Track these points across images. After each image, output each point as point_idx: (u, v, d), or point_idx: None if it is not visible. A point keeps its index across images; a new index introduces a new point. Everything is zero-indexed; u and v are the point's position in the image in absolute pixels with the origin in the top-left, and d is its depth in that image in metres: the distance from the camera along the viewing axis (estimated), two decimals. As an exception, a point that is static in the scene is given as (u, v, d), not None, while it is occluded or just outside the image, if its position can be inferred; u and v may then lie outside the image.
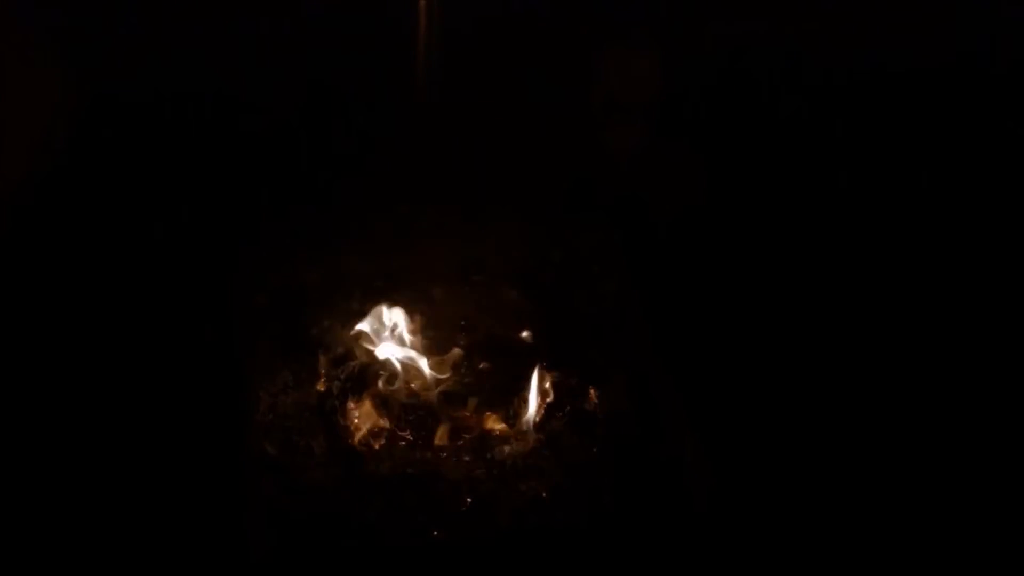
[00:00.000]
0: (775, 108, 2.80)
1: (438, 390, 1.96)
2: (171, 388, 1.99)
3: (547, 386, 1.98)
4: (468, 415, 1.93)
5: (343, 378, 2.00)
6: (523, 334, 2.10)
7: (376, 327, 2.08)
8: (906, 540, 1.81)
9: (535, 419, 1.93)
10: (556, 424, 1.93)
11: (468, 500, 1.79)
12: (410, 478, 1.81)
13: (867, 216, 2.52)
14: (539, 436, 1.91)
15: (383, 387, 1.97)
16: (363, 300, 2.18)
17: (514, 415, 1.93)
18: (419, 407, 1.93)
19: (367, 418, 1.92)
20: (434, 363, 2.02)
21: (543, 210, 2.35)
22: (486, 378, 1.99)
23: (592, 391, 1.99)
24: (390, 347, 2.04)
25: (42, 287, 2.21)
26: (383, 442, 1.89)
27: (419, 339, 2.08)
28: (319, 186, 2.47)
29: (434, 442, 1.88)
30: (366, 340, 2.07)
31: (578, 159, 2.52)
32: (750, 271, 2.35)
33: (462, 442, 1.89)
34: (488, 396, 1.95)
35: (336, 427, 1.91)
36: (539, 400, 1.95)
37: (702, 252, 2.39)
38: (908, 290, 2.33)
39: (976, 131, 2.76)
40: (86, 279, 2.22)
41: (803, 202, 2.56)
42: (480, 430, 1.91)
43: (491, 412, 1.93)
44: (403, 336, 2.06)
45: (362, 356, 2.04)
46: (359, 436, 1.90)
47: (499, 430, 1.91)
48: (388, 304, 2.11)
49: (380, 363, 2.02)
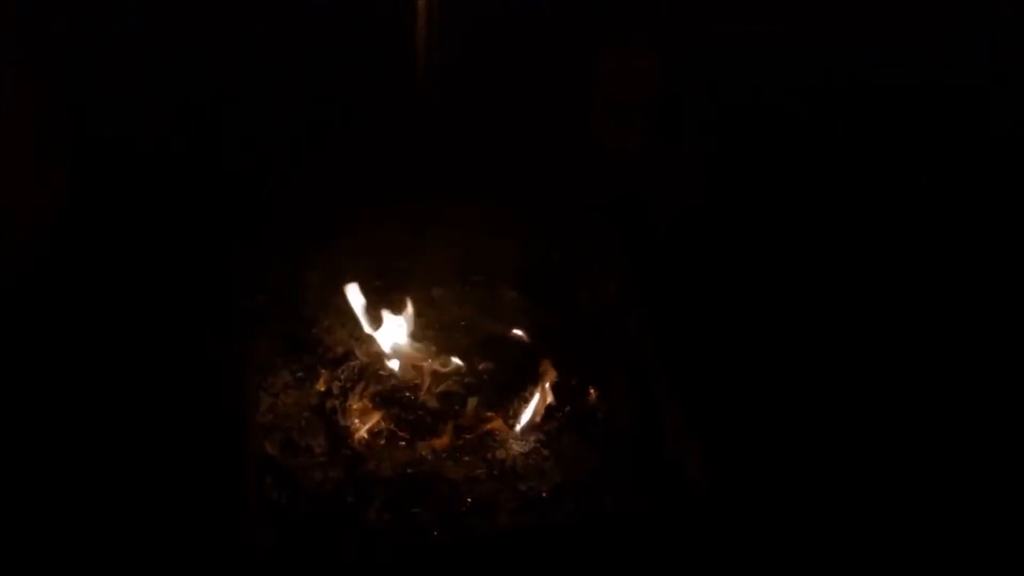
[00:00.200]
0: (775, 108, 2.80)
1: (438, 390, 1.96)
2: (171, 388, 1.99)
3: (547, 386, 1.98)
4: (468, 415, 1.93)
5: (343, 378, 2.00)
6: (523, 334, 2.10)
7: (376, 327, 2.08)
8: (906, 539, 1.82)
9: (535, 419, 1.93)
10: (556, 424, 1.94)
11: (468, 500, 1.79)
12: (410, 478, 1.81)
13: (867, 216, 2.52)
14: (539, 436, 1.91)
15: (383, 387, 1.97)
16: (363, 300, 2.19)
17: (514, 415, 1.93)
18: (419, 407, 1.93)
19: (367, 418, 1.93)
20: (434, 363, 2.02)
21: (543, 210, 2.35)
22: (486, 378, 1.99)
23: (592, 391, 1.99)
24: (390, 347, 2.05)
25: (42, 287, 2.21)
26: (383, 442, 1.89)
27: (419, 339, 2.08)
28: (319, 186, 2.47)
29: (434, 442, 1.88)
30: (366, 340, 2.07)
31: (578, 159, 2.51)
32: (750, 271, 2.35)
33: (462, 442, 1.89)
34: (488, 396, 1.95)
35: (336, 427, 1.91)
36: (539, 400, 1.95)
37: (702, 252, 2.39)
38: (908, 290, 2.33)
39: (976, 131, 2.76)
40: (86, 279, 2.22)
41: (803, 202, 2.56)
42: (480, 430, 1.91)
43: (491, 412, 1.93)
44: (403, 336, 2.07)
45: (362, 356, 2.05)
46: (359, 436, 1.90)
47: (499, 430, 1.91)
48: (388, 304, 2.12)
49: (380, 363, 2.02)
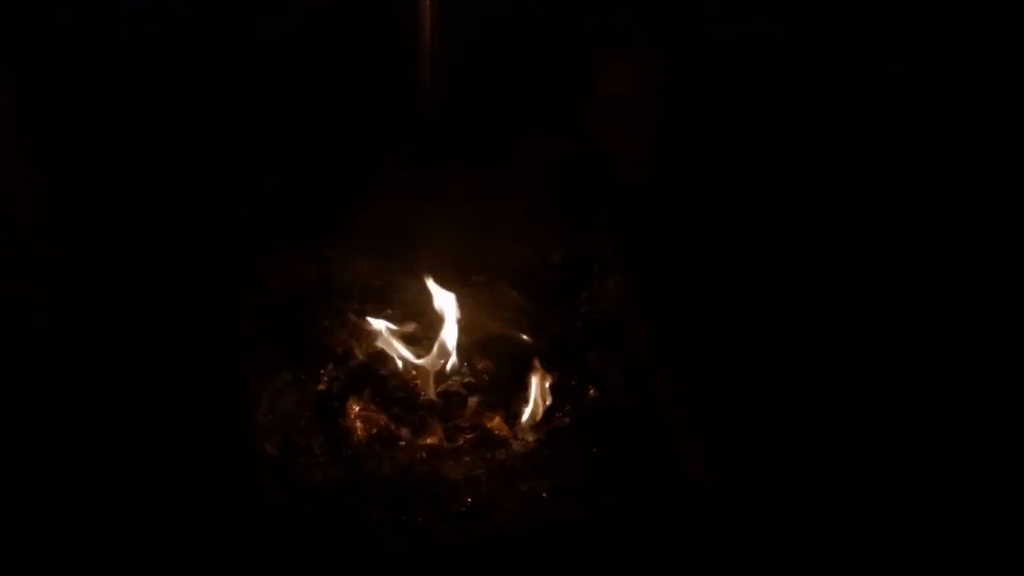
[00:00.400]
0: (775, 108, 2.80)
1: (438, 390, 1.96)
2: (171, 388, 1.99)
3: (547, 386, 1.98)
4: (468, 415, 1.93)
5: (343, 378, 2.00)
6: (523, 334, 2.10)
7: (377, 327, 2.08)
8: (906, 539, 1.82)
9: (535, 419, 1.93)
10: (556, 424, 1.94)
11: (468, 500, 1.79)
12: (410, 478, 1.81)
13: (868, 216, 2.52)
14: (539, 436, 1.91)
15: (383, 387, 1.97)
16: (363, 300, 2.19)
17: (514, 415, 1.93)
18: (419, 407, 1.93)
19: (367, 418, 1.92)
20: (434, 363, 2.02)
21: (543, 210, 2.34)
22: (486, 378, 1.99)
23: (592, 391, 1.99)
24: (390, 347, 2.05)
25: (43, 286, 2.21)
26: (383, 442, 1.89)
27: (419, 339, 2.08)
28: (319, 186, 2.47)
29: (434, 442, 1.88)
30: (366, 340, 2.07)
31: (578, 159, 2.51)
32: (750, 271, 2.35)
33: (462, 442, 1.89)
34: (488, 396, 1.95)
35: (336, 427, 1.91)
36: (539, 400, 1.95)
37: (702, 252, 2.39)
38: (908, 289, 2.33)
39: (977, 131, 2.76)
40: (86, 279, 2.22)
41: (803, 202, 2.56)
42: (480, 430, 1.91)
43: (491, 412, 1.93)
44: (403, 336, 2.07)
45: (362, 356, 2.05)
46: (359, 436, 1.90)
47: (499, 430, 1.91)
48: (388, 304, 2.12)
49: (380, 363, 2.02)
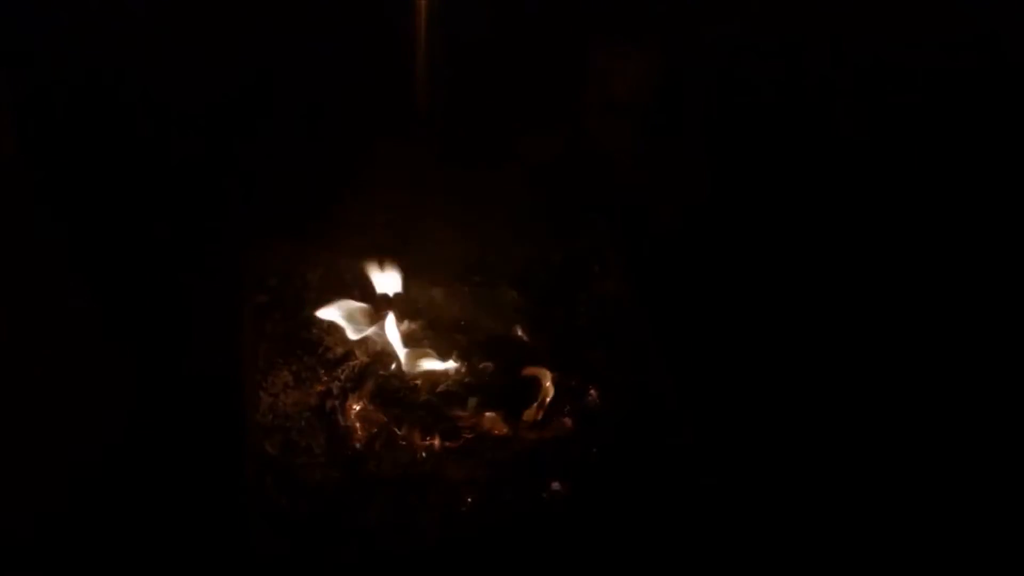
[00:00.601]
0: (775, 108, 2.80)
1: (438, 390, 1.96)
2: (171, 388, 1.99)
3: (547, 386, 1.98)
4: (468, 415, 1.93)
5: (343, 378, 2.00)
6: (523, 334, 2.10)
7: (377, 326, 2.08)
8: (906, 539, 1.82)
9: (535, 419, 1.93)
10: (556, 424, 1.93)
11: (468, 500, 1.79)
12: (410, 478, 1.81)
13: (867, 215, 2.52)
14: (539, 436, 1.91)
15: (383, 387, 1.97)
16: (363, 300, 2.18)
17: (514, 415, 1.93)
18: (419, 407, 1.93)
19: (367, 418, 1.92)
20: (434, 363, 2.02)
21: (542, 210, 2.35)
22: (486, 378, 1.99)
23: (592, 391, 1.99)
24: (390, 347, 2.05)
25: (43, 287, 2.21)
26: (383, 442, 1.89)
27: (419, 339, 2.08)
28: (320, 186, 2.47)
29: (434, 442, 1.88)
30: (366, 340, 2.07)
31: (578, 159, 2.51)
32: (750, 271, 2.35)
33: (462, 442, 1.89)
34: (488, 396, 1.95)
35: (336, 427, 1.91)
36: (539, 400, 1.95)
37: (702, 252, 2.39)
38: (908, 289, 2.33)
39: (977, 130, 2.76)
40: (86, 279, 2.22)
41: (803, 201, 2.56)
42: (480, 430, 1.91)
43: (491, 412, 1.93)
44: (403, 336, 2.07)
45: (362, 356, 2.05)
46: (359, 436, 1.90)
47: (499, 430, 1.91)
48: (388, 305, 2.12)
49: (380, 363, 2.02)
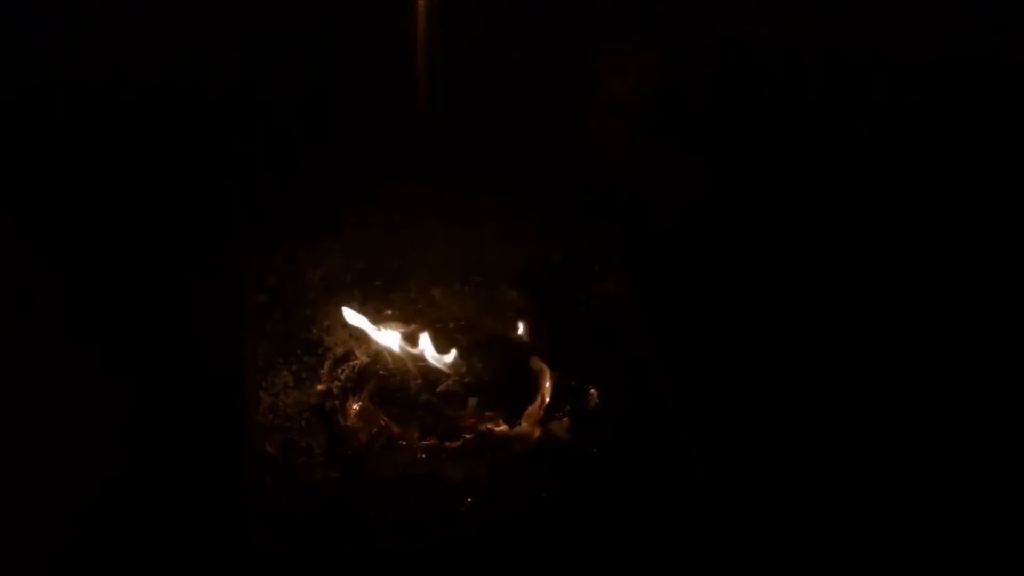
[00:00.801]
0: (775, 108, 2.80)
1: (438, 390, 1.96)
2: (171, 388, 1.99)
3: (547, 386, 1.98)
4: (468, 415, 1.93)
5: (343, 378, 2.00)
6: (523, 334, 2.10)
7: (377, 326, 2.08)
8: (905, 537, 1.82)
9: (535, 419, 1.93)
10: (556, 424, 1.94)
11: (468, 500, 1.79)
12: (410, 479, 1.81)
13: (867, 215, 2.52)
14: (539, 436, 1.91)
15: (383, 387, 1.97)
16: (363, 300, 2.19)
17: (514, 415, 1.93)
18: (419, 407, 1.93)
19: (367, 418, 1.92)
20: (434, 363, 2.02)
21: (542, 210, 2.35)
22: (486, 378, 1.99)
23: (592, 391, 1.99)
24: (390, 347, 2.05)
25: (44, 286, 2.21)
26: (383, 443, 1.89)
27: (419, 339, 2.08)
28: (319, 186, 2.47)
29: (434, 442, 1.88)
30: (366, 340, 2.07)
31: (578, 159, 2.51)
32: (750, 270, 2.35)
33: (462, 442, 1.89)
34: (488, 396, 1.95)
35: (336, 427, 1.91)
36: (539, 400, 1.95)
37: (702, 252, 2.39)
38: (908, 289, 2.33)
39: (977, 130, 2.76)
40: (87, 279, 2.22)
41: (803, 201, 2.55)
42: (480, 430, 1.91)
43: (491, 412, 1.93)
44: (403, 336, 2.07)
45: (362, 356, 2.05)
46: (359, 436, 1.90)
47: (499, 430, 1.91)
48: (388, 304, 2.12)
49: (380, 363, 2.02)
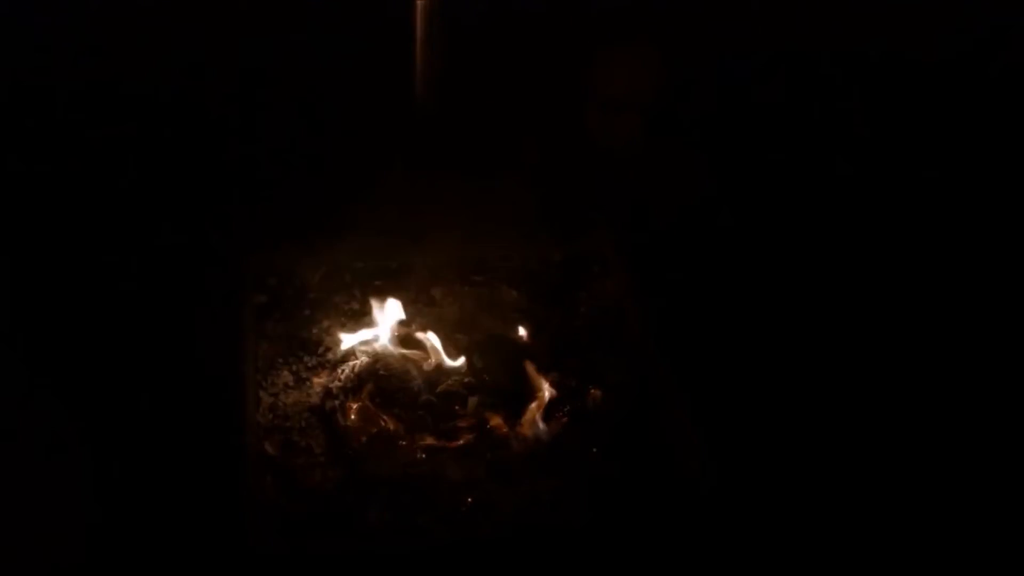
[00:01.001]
0: (775, 108, 2.80)
1: (438, 390, 1.96)
2: (172, 388, 1.99)
3: (547, 386, 1.98)
4: (468, 415, 1.93)
5: (343, 378, 2.00)
6: (524, 334, 2.10)
7: (377, 326, 2.08)
8: (904, 538, 1.82)
9: (535, 419, 1.93)
10: (556, 424, 1.93)
11: (468, 500, 1.79)
12: (410, 478, 1.81)
13: (867, 215, 2.52)
14: (539, 436, 1.91)
15: (383, 387, 1.97)
16: (363, 300, 2.19)
17: (514, 415, 1.93)
18: (419, 407, 1.93)
19: (367, 418, 1.92)
20: (434, 363, 2.02)
21: (543, 210, 2.35)
22: (486, 378, 1.99)
23: (592, 391, 1.99)
24: (390, 347, 2.05)
25: (45, 286, 2.21)
26: (383, 442, 1.89)
27: (419, 339, 2.08)
28: (319, 186, 2.47)
29: (434, 442, 1.88)
30: (366, 340, 2.07)
31: (578, 159, 2.51)
32: (750, 270, 2.35)
33: (462, 442, 1.89)
34: (488, 396, 1.95)
35: (336, 427, 1.91)
36: (539, 400, 1.95)
37: (702, 252, 2.39)
38: (908, 289, 2.33)
39: (976, 130, 2.76)
40: (87, 279, 2.22)
41: (803, 201, 2.56)
42: (480, 430, 1.91)
43: (491, 412, 1.93)
44: (403, 336, 2.07)
45: (362, 356, 2.05)
46: (359, 436, 1.90)
47: (499, 430, 1.91)
48: (389, 304, 2.12)
49: (380, 363, 2.02)
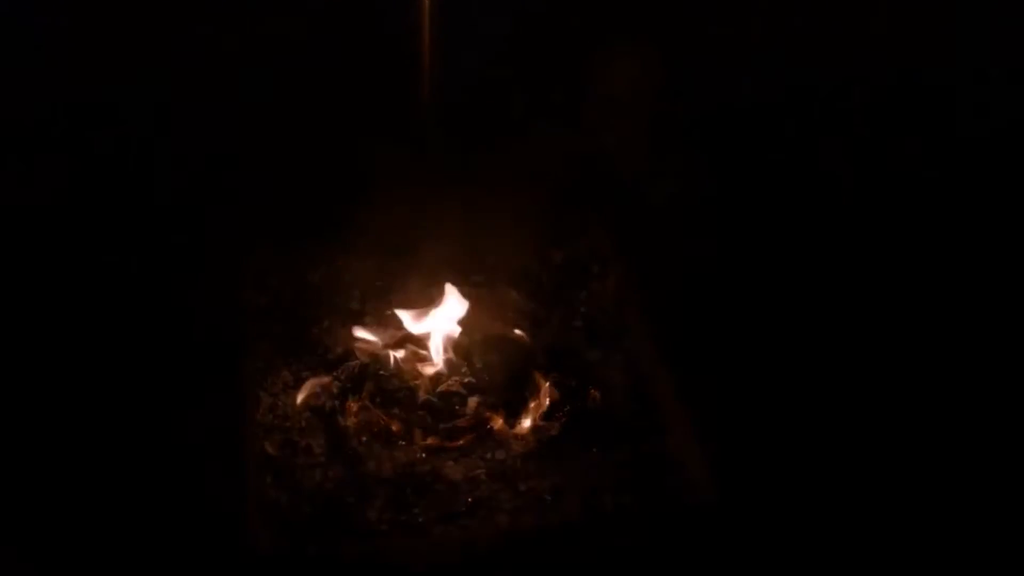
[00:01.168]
0: (775, 108, 2.80)
1: (438, 390, 1.96)
2: (172, 388, 1.99)
3: (547, 386, 1.98)
4: (468, 415, 1.93)
5: (343, 378, 2.00)
6: (523, 334, 2.10)
7: (377, 326, 2.08)
8: (905, 540, 1.82)
9: (535, 419, 1.93)
10: (556, 424, 1.93)
11: (468, 500, 1.79)
12: (410, 478, 1.81)
13: (867, 216, 2.52)
14: (539, 436, 1.91)
15: (383, 387, 1.97)
16: (363, 300, 2.19)
17: (514, 415, 1.93)
18: (419, 407, 1.93)
19: (367, 418, 1.92)
20: (434, 363, 2.02)
21: (543, 210, 2.35)
22: (486, 378, 1.99)
23: (592, 391, 1.99)
24: (390, 346, 2.04)
25: (44, 286, 2.21)
26: (383, 442, 1.89)
27: (419, 339, 2.08)
28: (319, 186, 2.47)
29: (434, 442, 1.88)
30: (366, 340, 2.07)
31: (578, 159, 2.51)
32: (750, 270, 2.35)
33: (462, 442, 1.89)
34: (488, 396, 1.95)
35: (336, 427, 1.91)
36: (539, 400, 1.95)
37: (702, 252, 2.39)
38: (907, 289, 2.33)
39: (976, 131, 2.76)
40: (87, 279, 2.22)
41: (803, 202, 2.56)
42: (480, 430, 1.91)
43: (491, 412, 1.93)
44: (403, 335, 2.07)
45: (362, 356, 2.05)
46: (359, 436, 1.90)
47: (499, 430, 1.91)
48: (388, 304, 2.12)
49: (380, 363, 2.02)
